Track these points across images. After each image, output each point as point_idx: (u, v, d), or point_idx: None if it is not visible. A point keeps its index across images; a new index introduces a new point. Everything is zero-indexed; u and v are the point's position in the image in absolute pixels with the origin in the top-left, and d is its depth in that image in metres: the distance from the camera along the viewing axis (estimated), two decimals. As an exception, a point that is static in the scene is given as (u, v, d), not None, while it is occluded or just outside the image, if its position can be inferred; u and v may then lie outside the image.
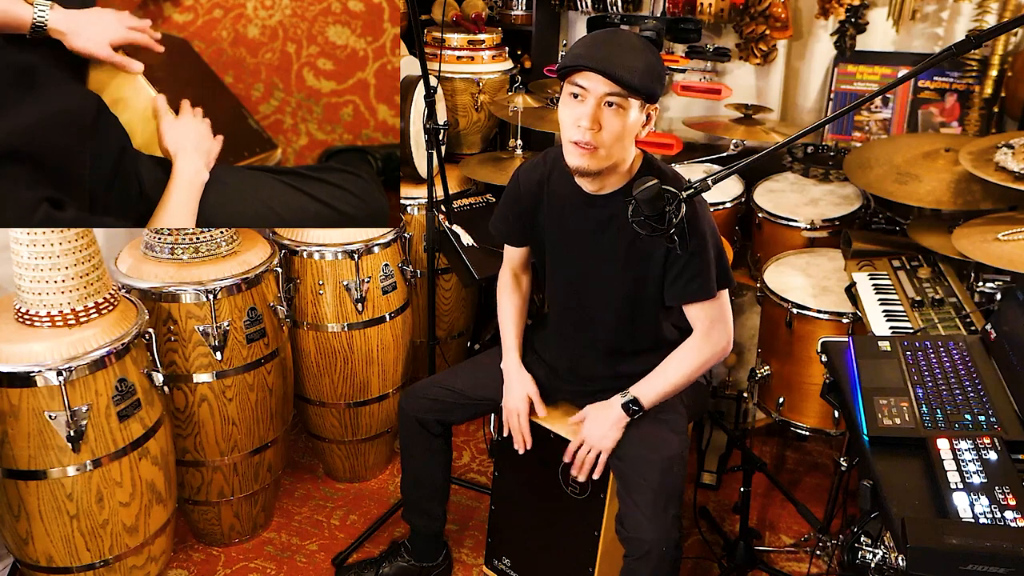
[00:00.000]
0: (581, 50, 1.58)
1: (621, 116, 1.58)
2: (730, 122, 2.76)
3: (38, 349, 1.68)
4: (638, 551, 1.65)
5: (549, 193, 1.81)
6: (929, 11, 2.69)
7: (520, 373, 1.91)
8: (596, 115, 1.57)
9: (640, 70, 1.55)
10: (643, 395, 1.76)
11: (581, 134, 1.58)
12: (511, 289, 2.01)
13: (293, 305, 2.36)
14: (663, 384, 1.77)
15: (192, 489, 2.19)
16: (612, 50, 1.55)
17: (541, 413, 1.89)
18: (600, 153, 1.60)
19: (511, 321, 1.98)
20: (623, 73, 1.53)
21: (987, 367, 1.52)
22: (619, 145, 1.62)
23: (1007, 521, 1.14)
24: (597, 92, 1.55)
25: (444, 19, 2.96)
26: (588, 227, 1.75)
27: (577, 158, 1.61)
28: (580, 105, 1.58)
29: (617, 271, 1.76)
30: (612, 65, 1.52)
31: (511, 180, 1.90)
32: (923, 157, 2.30)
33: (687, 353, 1.78)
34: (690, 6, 2.84)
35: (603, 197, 1.72)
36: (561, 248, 1.83)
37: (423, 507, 2.11)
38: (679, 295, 1.74)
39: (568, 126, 1.60)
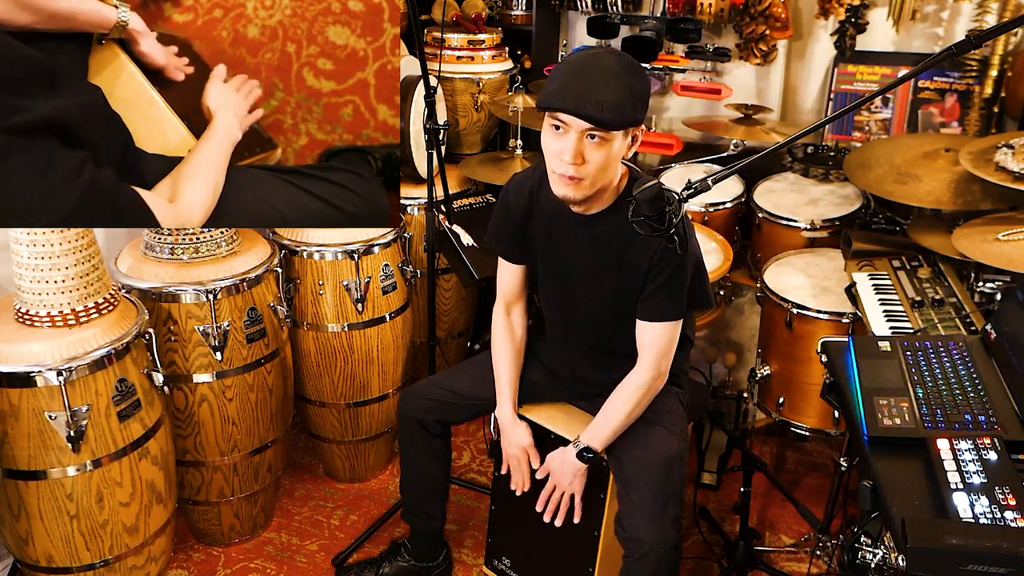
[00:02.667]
0: (557, 84, 1.53)
1: (604, 147, 1.55)
2: (730, 122, 2.76)
3: (38, 349, 1.68)
4: (637, 552, 1.65)
5: (537, 206, 1.80)
6: (929, 11, 2.69)
7: (514, 426, 1.89)
8: (579, 149, 1.54)
9: (618, 104, 1.50)
10: (592, 440, 1.76)
11: (564, 168, 1.56)
12: (504, 332, 1.94)
13: (293, 305, 2.36)
14: (612, 422, 1.76)
15: (192, 489, 2.19)
16: (589, 85, 1.50)
17: (536, 466, 1.88)
18: (584, 183, 1.59)
19: (505, 369, 1.92)
20: (600, 114, 1.49)
21: (987, 367, 1.52)
22: (604, 174, 1.60)
23: (1007, 521, 1.14)
24: (579, 127, 1.52)
25: (444, 19, 2.96)
26: (577, 243, 1.75)
27: (563, 188, 1.60)
28: (562, 138, 1.55)
29: (604, 284, 1.76)
30: (589, 104, 1.48)
31: (501, 195, 1.88)
32: (923, 157, 2.30)
33: (631, 386, 1.76)
34: (690, 6, 2.84)
35: (589, 217, 1.71)
36: (551, 261, 1.83)
37: (423, 507, 2.11)
38: (647, 312, 1.73)
39: (551, 158, 1.58)
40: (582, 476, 1.80)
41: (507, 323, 1.95)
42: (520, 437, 1.89)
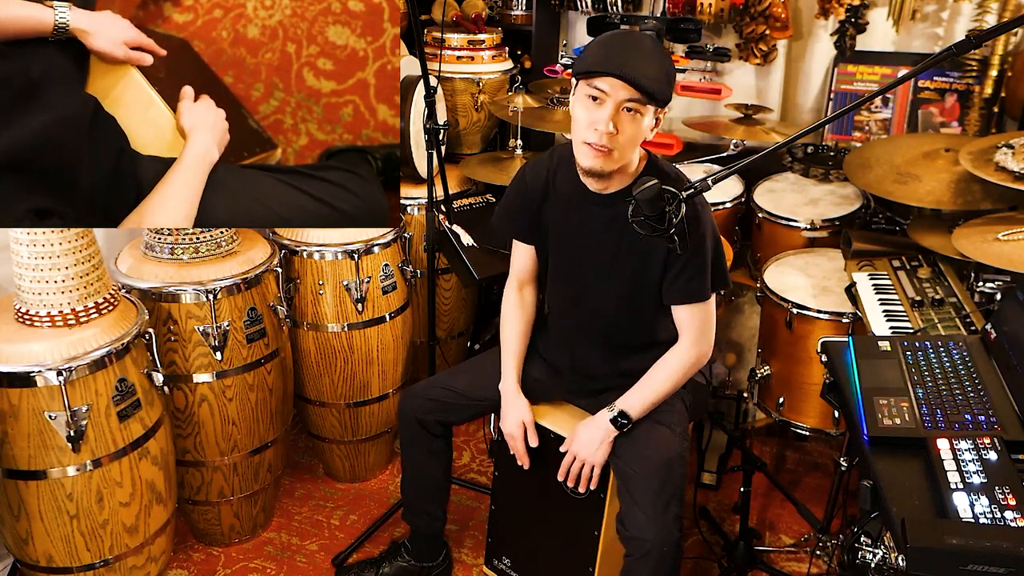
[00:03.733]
0: (602, 53, 1.57)
1: (637, 121, 1.59)
2: (730, 122, 2.76)
3: (38, 349, 1.68)
4: (638, 551, 1.65)
5: (554, 190, 1.81)
6: (929, 11, 2.69)
7: (517, 398, 1.89)
8: (615, 119, 1.57)
9: (659, 78, 1.56)
10: (630, 407, 1.76)
11: (598, 137, 1.58)
12: (515, 308, 1.98)
13: (293, 305, 2.36)
14: (650, 394, 1.77)
15: (192, 489, 2.19)
16: (632, 56, 1.55)
17: (533, 443, 1.87)
18: (614, 155, 1.62)
19: (513, 342, 1.95)
20: (645, 82, 1.53)
21: (987, 367, 1.52)
22: (631, 148, 1.64)
23: (1007, 521, 1.14)
24: (617, 97, 1.55)
25: (444, 19, 2.96)
26: (591, 225, 1.76)
27: (591, 159, 1.62)
28: (598, 108, 1.58)
29: (618, 269, 1.76)
30: (634, 72, 1.53)
31: (517, 176, 1.91)
32: (923, 157, 2.30)
33: (674, 361, 1.79)
34: (690, 6, 2.84)
35: (607, 196, 1.72)
36: (564, 245, 1.83)
37: (423, 507, 2.11)
38: (676, 295, 1.75)
39: (583, 127, 1.60)
40: (608, 445, 1.76)
41: (518, 298, 1.98)
42: (520, 410, 1.88)
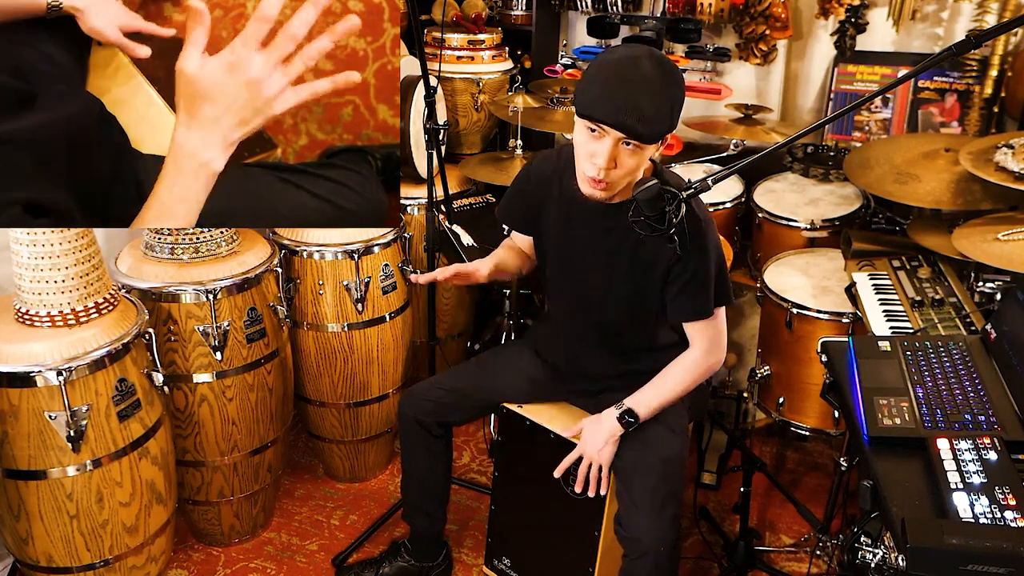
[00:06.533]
0: (598, 92, 1.50)
1: (638, 155, 1.55)
2: (730, 122, 2.76)
3: (38, 349, 1.68)
4: (636, 551, 1.65)
5: (558, 191, 1.80)
6: (929, 11, 2.69)
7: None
8: (613, 154, 1.53)
9: (659, 116, 1.49)
10: (638, 405, 1.75)
11: (596, 172, 1.55)
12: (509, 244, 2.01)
13: (293, 305, 2.36)
14: (659, 395, 1.76)
15: (192, 489, 2.19)
16: (632, 94, 1.47)
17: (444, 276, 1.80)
18: (612, 186, 1.60)
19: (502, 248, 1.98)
20: (642, 127, 1.48)
21: (987, 367, 1.52)
22: (632, 177, 1.60)
23: (1007, 521, 1.14)
24: (615, 135, 1.51)
25: (444, 19, 2.96)
26: (593, 231, 1.75)
27: (589, 189, 1.61)
28: (596, 141, 1.54)
29: (619, 277, 1.75)
30: (631, 117, 1.47)
31: (523, 169, 1.90)
32: (923, 157, 2.30)
33: (686, 367, 1.77)
34: (690, 6, 2.84)
35: (612, 206, 1.70)
36: (564, 248, 1.82)
37: (423, 508, 2.11)
38: (680, 314, 1.74)
39: (583, 158, 1.58)
40: (614, 443, 1.75)
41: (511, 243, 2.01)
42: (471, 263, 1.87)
